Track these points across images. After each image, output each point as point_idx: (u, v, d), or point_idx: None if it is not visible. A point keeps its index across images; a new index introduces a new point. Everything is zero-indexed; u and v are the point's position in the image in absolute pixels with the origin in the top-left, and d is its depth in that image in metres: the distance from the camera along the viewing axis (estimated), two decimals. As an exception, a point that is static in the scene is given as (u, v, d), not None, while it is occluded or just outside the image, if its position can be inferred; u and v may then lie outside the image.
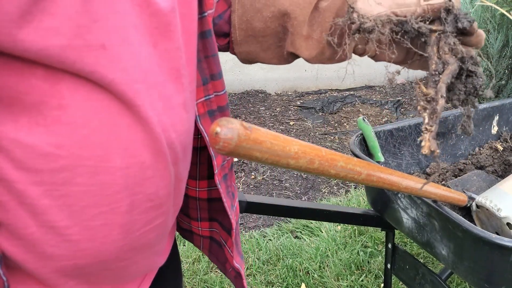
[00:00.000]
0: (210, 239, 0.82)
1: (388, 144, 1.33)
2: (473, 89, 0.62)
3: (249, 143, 0.40)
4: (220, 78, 0.67)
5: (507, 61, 3.46)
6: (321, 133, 3.58)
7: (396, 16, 0.64)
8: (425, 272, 1.24)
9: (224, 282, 2.05)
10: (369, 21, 0.63)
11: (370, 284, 2.03)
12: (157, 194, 0.54)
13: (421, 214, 1.04)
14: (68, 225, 0.48)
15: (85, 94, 0.44)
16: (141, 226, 0.54)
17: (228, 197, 0.74)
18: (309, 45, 0.71)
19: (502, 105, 1.52)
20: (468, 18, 0.61)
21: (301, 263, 2.15)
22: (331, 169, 0.53)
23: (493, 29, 3.39)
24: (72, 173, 0.46)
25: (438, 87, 0.58)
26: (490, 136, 1.52)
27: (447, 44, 0.61)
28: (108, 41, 0.44)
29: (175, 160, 0.56)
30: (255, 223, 2.53)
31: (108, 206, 0.49)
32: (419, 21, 0.63)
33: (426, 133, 0.57)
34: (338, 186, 2.88)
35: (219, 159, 0.70)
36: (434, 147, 0.56)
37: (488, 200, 1.05)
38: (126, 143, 0.48)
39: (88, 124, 0.45)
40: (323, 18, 0.70)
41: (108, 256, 0.53)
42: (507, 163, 1.38)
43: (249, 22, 0.73)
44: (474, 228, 0.86)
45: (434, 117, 0.57)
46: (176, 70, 0.54)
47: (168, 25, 0.51)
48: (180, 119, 0.55)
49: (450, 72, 0.59)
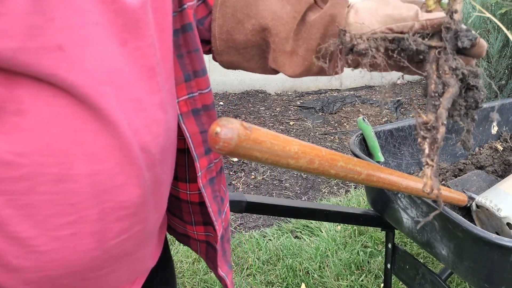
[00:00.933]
0: (206, 243, 0.78)
1: (388, 144, 1.33)
2: (474, 103, 0.58)
3: (249, 143, 0.40)
4: (204, 75, 0.63)
5: (507, 61, 3.46)
6: (321, 133, 3.58)
7: (392, 32, 0.59)
8: (425, 272, 1.24)
9: (224, 282, 2.05)
10: (363, 41, 0.58)
11: (370, 284, 2.03)
12: (130, 201, 0.51)
13: (421, 214, 1.04)
14: (33, 236, 0.46)
15: (46, 99, 0.42)
16: (116, 234, 0.52)
17: (214, 202, 0.70)
18: (294, 62, 0.66)
19: (502, 105, 1.52)
20: (470, 36, 0.56)
21: (301, 263, 2.15)
22: (331, 169, 0.53)
23: (493, 29, 3.39)
24: (34, 181, 0.44)
25: (439, 113, 0.53)
26: (490, 136, 1.52)
27: (447, 62, 0.56)
28: (65, 41, 0.41)
29: (151, 164, 0.53)
30: (255, 223, 2.53)
31: (76, 214, 0.47)
32: (417, 37, 0.58)
33: (427, 168, 0.52)
34: (338, 186, 2.88)
35: (204, 161, 0.66)
36: (436, 186, 0.51)
37: (488, 200, 1.05)
38: (92, 149, 0.46)
39: (50, 130, 0.43)
40: (309, 35, 0.64)
41: (83, 266, 0.50)
42: (507, 163, 1.38)
43: (229, 33, 0.68)
44: (474, 228, 0.86)
45: (435, 148, 0.53)
46: (150, 69, 0.51)
47: (138, 22, 0.48)
48: (155, 120, 0.52)
49: (451, 96, 0.54)
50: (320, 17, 0.64)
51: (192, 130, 0.63)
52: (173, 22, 0.58)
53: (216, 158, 0.69)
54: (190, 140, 0.63)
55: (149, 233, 0.59)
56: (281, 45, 0.65)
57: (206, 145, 0.65)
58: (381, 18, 0.60)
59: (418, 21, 0.57)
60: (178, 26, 0.59)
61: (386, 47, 0.59)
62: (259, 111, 3.99)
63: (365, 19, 0.61)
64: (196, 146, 0.64)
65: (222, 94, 4.35)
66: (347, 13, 0.63)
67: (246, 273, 2.12)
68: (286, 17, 0.64)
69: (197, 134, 0.64)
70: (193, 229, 0.77)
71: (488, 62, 3.54)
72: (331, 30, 0.63)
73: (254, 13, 0.66)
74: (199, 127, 0.64)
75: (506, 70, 3.52)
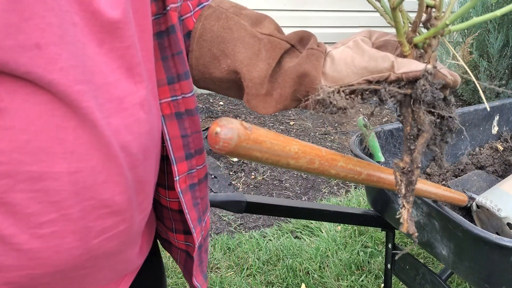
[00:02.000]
0: (186, 253, 0.77)
1: (388, 144, 1.33)
2: (448, 132, 0.60)
3: (249, 143, 0.40)
4: (187, 79, 0.62)
5: (507, 61, 3.46)
6: (321, 133, 3.58)
7: (369, 83, 0.60)
8: (425, 272, 1.24)
9: (224, 282, 2.05)
10: (340, 98, 0.59)
11: (370, 284, 2.03)
12: (113, 200, 0.51)
13: (421, 214, 1.04)
14: (14, 234, 0.45)
15: (25, 96, 0.42)
16: (98, 233, 0.51)
17: (195, 209, 0.69)
18: (267, 104, 0.66)
19: (502, 105, 1.52)
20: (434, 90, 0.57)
21: (301, 263, 2.15)
22: (331, 169, 0.53)
23: (493, 29, 3.39)
24: (14, 179, 0.44)
25: (414, 158, 0.56)
26: (490, 136, 1.52)
27: (421, 108, 0.57)
28: (43, 39, 0.41)
29: (132, 164, 0.53)
30: (255, 223, 2.53)
31: (57, 213, 0.47)
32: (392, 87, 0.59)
33: (403, 210, 0.55)
34: (338, 186, 2.88)
35: (183, 166, 0.65)
36: (412, 230, 0.55)
37: (488, 200, 1.05)
38: (72, 147, 0.46)
39: (28, 128, 0.43)
40: (283, 82, 0.65)
41: (65, 265, 0.50)
42: (508, 163, 1.38)
43: (205, 67, 0.68)
44: (474, 228, 0.86)
45: (410, 189, 0.56)
46: (129, 69, 0.51)
47: (116, 23, 0.48)
48: (137, 120, 0.52)
49: (425, 141, 0.57)
50: (295, 69, 0.64)
51: (173, 133, 0.63)
52: (158, 24, 0.58)
53: (199, 164, 0.68)
54: (170, 143, 0.63)
55: (134, 233, 0.59)
56: (254, 90, 0.65)
57: (188, 149, 0.65)
58: (358, 70, 0.60)
59: (394, 74, 0.58)
60: (163, 28, 0.59)
61: (362, 95, 0.61)
62: (259, 111, 3.99)
63: (342, 71, 0.61)
64: (176, 150, 0.63)
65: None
66: (324, 62, 0.63)
67: (246, 273, 2.12)
68: (261, 64, 0.64)
69: (178, 137, 0.63)
70: (174, 236, 0.76)
71: (488, 62, 3.54)
72: (305, 83, 0.63)
73: (230, 52, 0.66)
74: (181, 131, 0.63)
75: (506, 70, 3.52)
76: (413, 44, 0.60)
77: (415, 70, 0.56)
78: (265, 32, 0.66)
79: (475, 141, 1.49)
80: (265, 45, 0.65)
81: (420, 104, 0.57)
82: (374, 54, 0.60)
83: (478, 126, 1.48)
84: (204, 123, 3.66)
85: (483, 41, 3.55)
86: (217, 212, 2.61)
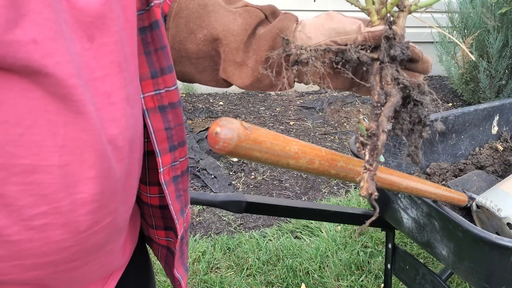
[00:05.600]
0: (167, 249, 0.79)
1: (388, 144, 1.33)
2: (417, 119, 0.58)
3: (249, 143, 0.40)
4: (170, 72, 0.63)
5: (507, 61, 3.46)
6: (321, 133, 3.58)
7: (337, 44, 0.62)
8: (425, 272, 1.24)
9: (224, 282, 2.05)
10: (305, 52, 0.61)
11: (370, 284, 2.03)
12: (102, 193, 0.52)
13: (421, 214, 1.04)
14: (5, 225, 0.46)
15: (19, 91, 0.43)
16: (88, 227, 0.53)
17: (177, 201, 0.70)
18: (243, 73, 0.69)
19: (502, 105, 1.52)
20: (402, 46, 0.57)
21: (301, 263, 2.15)
22: (331, 169, 0.53)
23: (493, 29, 3.39)
24: (7, 172, 0.45)
25: (380, 121, 0.54)
26: (490, 136, 1.52)
27: (389, 73, 0.57)
28: (40, 35, 0.42)
29: (119, 156, 0.54)
30: (255, 223, 2.53)
31: (48, 205, 0.48)
32: (360, 49, 0.60)
33: (365, 173, 0.52)
34: (338, 186, 2.88)
35: (167, 158, 0.66)
36: (372, 189, 0.51)
37: (488, 200, 1.05)
38: (64, 141, 0.47)
39: (22, 122, 0.44)
40: (258, 46, 0.67)
41: (55, 255, 0.51)
42: (507, 163, 1.38)
43: (182, 43, 0.70)
44: (474, 228, 0.86)
45: (375, 154, 0.53)
46: (117, 64, 0.52)
47: (103, 18, 0.49)
48: (123, 114, 0.54)
49: (392, 105, 0.55)
50: (269, 30, 0.67)
51: (157, 126, 0.64)
52: (141, 19, 0.60)
53: (182, 157, 0.69)
54: (154, 136, 0.64)
55: (119, 225, 0.60)
56: (231, 55, 0.68)
57: (171, 142, 0.66)
58: (326, 31, 0.63)
59: (361, 34, 0.61)
60: (147, 24, 0.60)
61: (331, 60, 0.62)
62: (259, 111, 3.99)
63: (311, 33, 0.65)
64: (159, 142, 0.65)
65: (222, 94, 4.35)
66: (295, 28, 0.67)
67: (246, 273, 2.12)
68: (237, 29, 0.68)
69: (162, 130, 0.65)
70: (154, 233, 0.77)
71: (488, 62, 3.54)
72: (279, 42, 0.66)
73: (206, 24, 0.69)
74: (164, 123, 0.65)
75: (506, 70, 3.52)
76: (381, 16, 0.62)
77: (381, 28, 0.59)
78: (239, 5, 0.71)
79: (475, 141, 1.49)
80: (240, 14, 0.69)
81: (388, 69, 0.58)
82: (342, 18, 0.64)
83: (478, 126, 1.48)
84: (204, 123, 3.66)
85: (483, 41, 3.55)
86: (217, 212, 2.61)
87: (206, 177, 2.91)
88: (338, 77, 0.67)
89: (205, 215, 2.59)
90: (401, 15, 0.61)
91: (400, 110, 0.59)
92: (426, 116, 0.58)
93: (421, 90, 0.59)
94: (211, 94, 4.29)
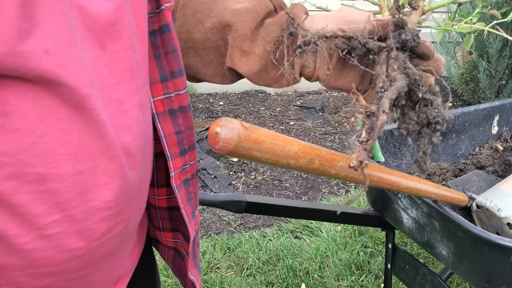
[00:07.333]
0: (174, 250, 0.78)
1: (388, 144, 1.33)
2: (425, 120, 0.56)
3: (249, 143, 0.40)
4: (181, 76, 0.63)
5: (507, 61, 3.46)
6: (321, 133, 3.58)
7: (344, 33, 0.61)
8: (425, 272, 1.24)
9: (224, 282, 2.05)
10: (310, 34, 0.60)
11: (370, 284, 2.03)
12: (116, 201, 0.52)
13: (421, 214, 1.04)
14: (19, 234, 0.46)
15: (32, 100, 0.43)
16: (101, 234, 0.52)
17: (189, 204, 0.70)
18: (250, 60, 0.69)
19: (502, 105, 1.52)
20: (413, 32, 0.56)
21: (301, 263, 2.15)
22: (331, 169, 0.53)
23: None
24: (20, 181, 0.44)
25: (381, 102, 0.52)
26: (490, 136, 1.52)
27: (397, 61, 0.56)
28: (52, 44, 0.42)
29: (132, 164, 0.53)
30: (255, 223, 2.53)
31: (61, 213, 0.48)
32: (367, 37, 0.59)
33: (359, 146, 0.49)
34: (338, 186, 2.88)
35: (178, 162, 0.66)
36: (362, 157, 0.47)
37: (488, 200, 1.05)
38: (77, 149, 0.47)
39: (34, 131, 0.44)
40: (267, 32, 0.67)
41: (68, 264, 0.51)
42: (508, 163, 1.38)
43: (189, 33, 0.70)
44: (474, 228, 0.86)
45: (372, 133, 0.50)
46: (129, 71, 0.52)
47: (114, 25, 0.49)
48: (136, 121, 0.53)
49: (396, 88, 0.53)
50: (278, 17, 0.67)
51: (167, 130, 0.63)
52: (151, 22, 0.59)
53: (192, 160, 0.69)
54: (165, 140, 0.63)
55: (130, 232, 0.60)
56: (239, 41, 0.68)
57: (182, 145, 0.66)
58: (334, 20, 0.63)
59: (369, 22, 0.60)
60: (156, 27, 0.60)
61: (336, 45, 0.61)
62: (259, 111, 3.99)
63: (319, 22, 0.64)
64: (170, 146, 0.64)
65: (222, 94, 4.35)
66: (304, 19, 0.67)
67: (246, 273, 2.12)
68: (246, 15, 0.68)
69: (173, 134, 0.64)
70: (161, 235, 0.77)
71: (488, 62, 3.54)
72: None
73: (214, 13, 0.69)
74: (175, 127, 0.64)
75: (506, 70, 3.52)
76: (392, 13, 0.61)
77: (389, 19, 0.58)
78: None
79: (475, 141, 1.49)
80: (250, 1, 0.69)
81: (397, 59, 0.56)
82: (352, 9, 0.64)
83: (478, 126, 1.48)
84: (204, 123, 3.66)
85: (483, 41, 3.55)
86: (217, 212, 2.61)
87: (206, 177, 2.91)
88: (344, 75, 0.67)
89: (205, 215, 2.59)
90: (413, 13, 0.60)
91: (407, 108, 0.57)
92: (434, 117, 0.56)
93: (431, 89, 0.57)
94: (211, 94, 4.29)
